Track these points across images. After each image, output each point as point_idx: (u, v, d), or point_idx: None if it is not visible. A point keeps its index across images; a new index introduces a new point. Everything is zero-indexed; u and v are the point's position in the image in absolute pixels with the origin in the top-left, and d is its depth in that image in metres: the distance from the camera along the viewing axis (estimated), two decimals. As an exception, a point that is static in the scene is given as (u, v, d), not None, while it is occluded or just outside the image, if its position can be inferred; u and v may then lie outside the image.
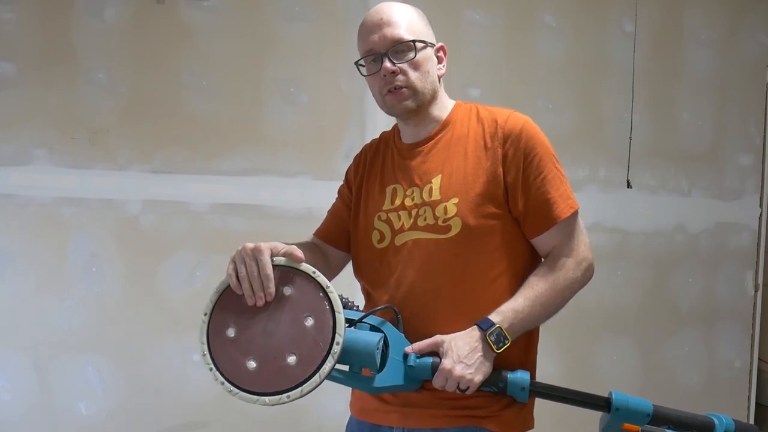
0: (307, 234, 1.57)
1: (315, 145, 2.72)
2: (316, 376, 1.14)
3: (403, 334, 1.29)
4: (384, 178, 1.47)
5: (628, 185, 3.07)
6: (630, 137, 3.07)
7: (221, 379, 1.17)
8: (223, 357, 1.18)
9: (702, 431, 1.28)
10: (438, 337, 1.28)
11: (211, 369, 1.18)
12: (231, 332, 1.20)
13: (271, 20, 2.70)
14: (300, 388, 1.13)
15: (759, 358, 3.33)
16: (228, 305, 1.21)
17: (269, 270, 1.20)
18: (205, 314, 1.22)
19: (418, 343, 1.28)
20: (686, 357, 3.18)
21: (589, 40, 3.03)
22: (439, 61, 1.44)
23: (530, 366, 1.40)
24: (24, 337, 2.55)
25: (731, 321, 3.26)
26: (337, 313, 1.18)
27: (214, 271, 2.63)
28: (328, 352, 1.15)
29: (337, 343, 1.16)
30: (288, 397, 1.14)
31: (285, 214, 2.70)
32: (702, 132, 3.19)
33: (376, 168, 1.50)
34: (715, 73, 3.20)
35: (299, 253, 1.23)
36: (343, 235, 1.54)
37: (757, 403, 3.34)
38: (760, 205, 3.28)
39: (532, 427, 1.39)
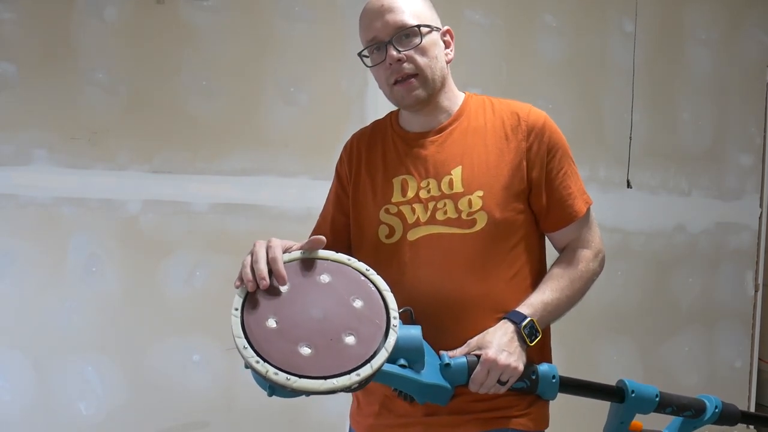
0: (307, 234, 1.55)
1: (315, 145, 2.72)
2: (383, 350, 1.08)
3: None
4: (389, 169, 1.38)
5: (628, 185, 3.07)
6: (630, 137, 3.07)
7: (273, 369, 1.04)
8: (269, 348, 1.07)
9: (697, 411, 1.42)
10: (469, 342, 1.24)
11: (257, 362, 1.04)
12: (272, 322, 1.10)
13: (271, 20, 2.70)
14: (369, 364, 1.06)
15: (759, 358, 3.33)
16: (260, 297, 1.13)
17: (278, 253, 1.13)
18: (236, 309, 1.11)
19: (450, 351, 1.24)
20: (686, 357, 3.18)
21: (589, 40, 3.03)
22: (447, 45, 1.37)
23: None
24: (24, 337, 2.55)
25: (731, 321, 3.26)
26: (384, 292, 1.15)
27: (214, 271, 2.63)
28: (387, 327, 1.11)
29: (395, 318, 1.12)
30: (358, 374, 1.05)
31: (285, 214, 2.69)
32: (702, 132, 3.19)
33: (376, 157, 1.41)
34: (715, 73, 3.20)
35: (321, 239, 1.18)
36: (341, 245, 1.43)
37: (757, 403, 3.34)
38: (760, 205, 3.27)
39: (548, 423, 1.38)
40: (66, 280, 2.57)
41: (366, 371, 1.05)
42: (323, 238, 1.19)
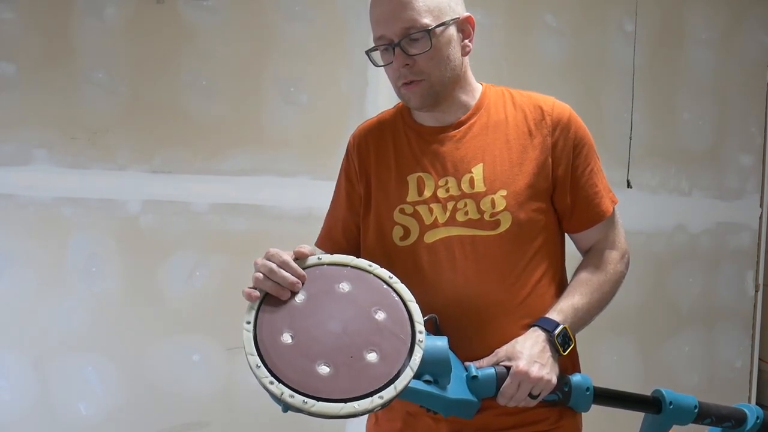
0: (307, 234, 1.54)
1: (315, 145, 2.72)
2: (408, 369, 1.01)
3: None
4: (402, 165, 1.29)
5: (628, 185, 3.07)
6: (630, 137, 3.07)
7: (289, 392, 0.96)
8: (284, 366, 0.99)
9: (737, 421, 1.33)
10: (496, 351, 1.18)
11: (271, 383, 0.97)
12: (287, 338, 1.02)
13: (271, 20, 2.70)
14: (393, 385, 0.99)
15: (759, 358, 3.33)
16: (274, 310, 1.05)
17: (286, 257, 1.07)
18: (248, 323, 1.03)
19: (477, 361, 1.18)
20: (686, 357, 3.18)
21: (589, 40, 3.02)
22: (466, 35, 1.26)
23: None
24: (24, 337, 2.55)
25: (731, 321, 3.26)
26: (409, 302, 1.08)
27: (214, 271, 2.63)
28: (413, 342, 1.03)
29: (420, 332, 1.04)
30: (381, 397, 0.98)
31: (285, 214, 2.69)
32: (702, 132, 3.19)
33: (386, 153, 1.32)
34: (715, 73, 3.19)
35: (303, 251, 1.12)
36: (355, 248, 1.37)
37: (757, 403, 3.33)
38: (761, 205, 3.27)
39: None
40: (66, 280, 2.56)
41: (389, 393, 0.98)
42: (306, 248, 1.12)
